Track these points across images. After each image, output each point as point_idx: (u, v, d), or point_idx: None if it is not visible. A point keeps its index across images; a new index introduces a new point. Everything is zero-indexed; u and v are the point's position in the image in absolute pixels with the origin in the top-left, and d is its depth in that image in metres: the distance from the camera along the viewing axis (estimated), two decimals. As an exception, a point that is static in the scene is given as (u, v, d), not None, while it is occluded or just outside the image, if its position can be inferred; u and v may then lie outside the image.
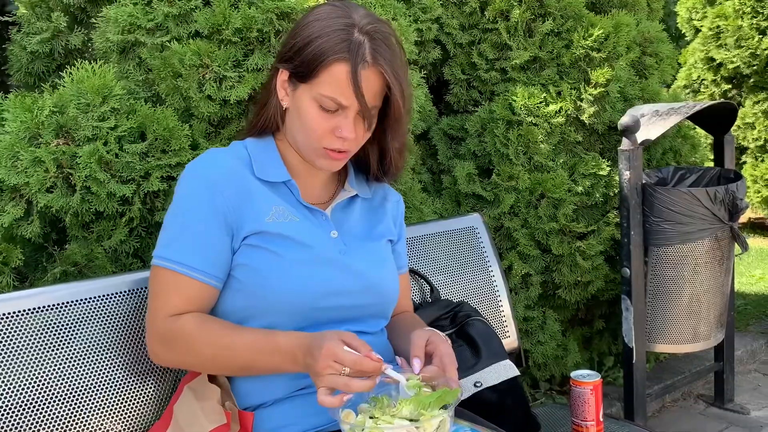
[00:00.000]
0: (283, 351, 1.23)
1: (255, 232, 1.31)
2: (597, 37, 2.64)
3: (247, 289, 1.32)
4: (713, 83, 5.35)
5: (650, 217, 2.52)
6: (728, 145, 2.84)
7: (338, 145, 1.32)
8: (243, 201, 1.32)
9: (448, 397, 1.17)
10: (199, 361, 1.30)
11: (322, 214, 1.40)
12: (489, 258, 2.06)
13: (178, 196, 1.34)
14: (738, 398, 3.03)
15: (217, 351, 1.27)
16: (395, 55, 1.32)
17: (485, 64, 2.72)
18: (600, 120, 2.70)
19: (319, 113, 1.30)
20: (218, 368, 1.32)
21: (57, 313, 1.39)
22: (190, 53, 1.84)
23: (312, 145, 1.34)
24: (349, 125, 1.30)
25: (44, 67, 2.26)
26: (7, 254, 1.71)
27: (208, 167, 1.34)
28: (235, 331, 1.29)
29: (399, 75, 1.31)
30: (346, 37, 1.27)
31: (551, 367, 2.83)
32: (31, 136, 1.72)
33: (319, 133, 1.31)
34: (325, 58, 1.27)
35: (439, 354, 1.28)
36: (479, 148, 2.70)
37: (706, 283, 2.56)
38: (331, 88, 1.28)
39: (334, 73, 1.27)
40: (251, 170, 1.36)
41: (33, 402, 1.33)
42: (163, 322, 1.29)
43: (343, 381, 1.14)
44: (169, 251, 1.30)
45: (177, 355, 1.31)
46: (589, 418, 1.58)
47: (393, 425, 1.13)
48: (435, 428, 1.14)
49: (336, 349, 1.15)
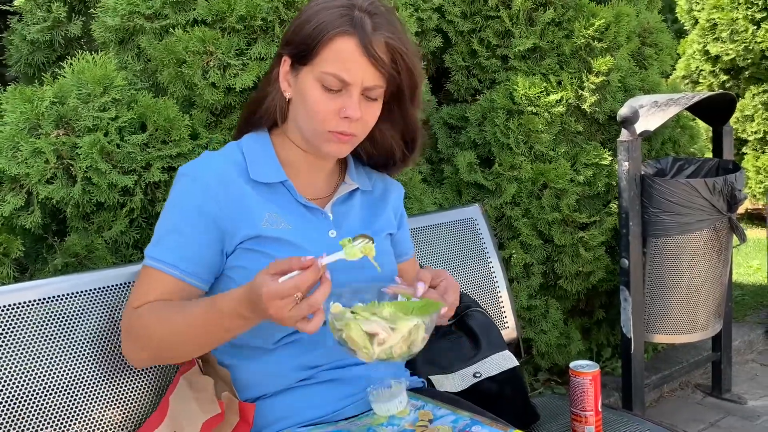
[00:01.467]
0: (228, 314, 1.18)
1: (251, 237, 1.31)
2: (598, 26, 2.63)
3: None
4: (711, 74, 5.34)
5: (649, 208, 2.52)
6: (727, 136, 2.85)
7: (344, 127, 1.29)
8: (237, 207, 1.31)
9: (430, 308, 1.19)
10: (157, 345, 1.26)
11: (322, 212, 1.39)
12: (488, 249, 2.06)
13: (170, 198, 1.34)
14: (735, 388, 3.05)
15: (168, 333, 1.24)
16: (397, 28, 1.30)
17: (486, 51, 2.72)
18: (601, 109, 2.70)
19: (323, 94, 1.28)
20: (177, 351, 1.28)
21: (58, 304, 1.40)
22: (194, 40, 1.83)
23: (317, 129, 1.31)
24: (354, 104, 1.27)
25: (44, 58, 2.26)
26: (8, 245, 1.71)
27: (201, 171, 1.33)
28: (182, 309, 1.25)
29: (404, 42, 1.29)
30: (347, 13, 1.26)
31: (554, 355, 2.84)
32: (31, 127, 1.72)
33: (324, 114, 1.28)
34: (326, 34, 1.25)
35: (445, 285, 1.28)
36: (479, 137, 2.70)
37: (704, 273, 2.57)
38: (333, 65, 1.26)
39: (336, 48, 1.25)
40: (246, 174, 1.34)
41: (34, 393, 1.33)
42: (128, 315, 1.29)
43: (305, 305, 1.10)
44: (154, 250, 1.31)
45: (139, 346, 1.29)
46: (587, 408, 1.60)
47: (369, 320, 1.14)
48: (407, 330, 1.15)
49: (273, 288, 1.09)
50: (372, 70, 1.27)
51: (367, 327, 1.13)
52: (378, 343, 1.13)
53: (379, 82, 1.29)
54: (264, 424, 1.33)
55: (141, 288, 1.30)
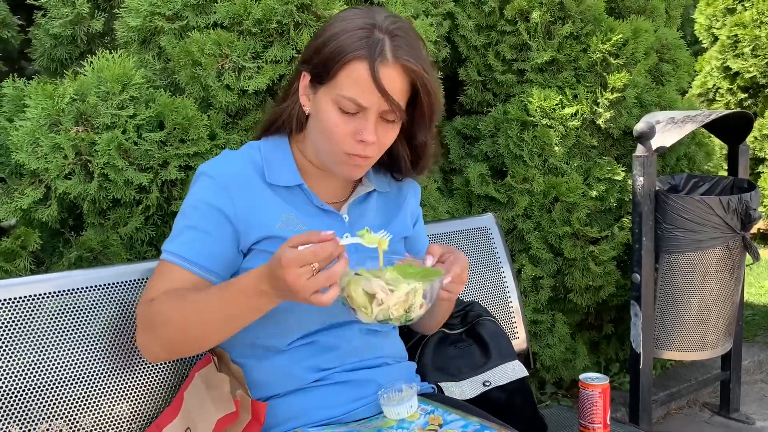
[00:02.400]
0: (247, 291, 1.17)
1: (265, 237, 1.31)
2: (615, 42, 2.63)
3: None
4: (729, 92, 5.32)
5: (662, 224, 2.52)
6: (743, 154, 2.84)
7: (360, 150, 1.29)
8: (253, 207, 1.32)
9: (430, 274, 1.20)
10: (174, 331, 1.25)
11: (338, 215, 1.39)
12: (501, 259, 2.06)
13: (189, 195, 1.35)
14: (743, 408, 3.02)
15: (186, 315, 1.22)
16: (418, 51, 1.28)
17: (501, 65, 2.72)
18: (616, 125, 2.70)
19: (339, 116, 1.27)
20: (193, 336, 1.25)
21: (72, 298, 1.41)
22: (210, 42, 1.85)
23: (333, 151, 1.30)
24: (370, 128, 1.26)
25: (67, 53, 2.28)
26: (26, 238, 1.73)
27: (220, 169, 1.34)
28: (199, 292, 1.25)
29: (425, 68, 1.27)
30: (366, 35, 1.25)
31: (560, 370, 2.83)
32: (51, 123, 1.74)
33: (340, 137, 1.28)
34: (343, 57, 1.24)
35: (452, 259, 1.27)
36: (491, 149, 2.70)
37: (715, 291, 2.55)
38: (350, 89, 1.25)
39: (352, 72, 1.24)
40: (263, 176, 1.35)
41: (47, 384, 1.34)
42: (144, 307, 1.29)
43: (322, 277, 1.10)
44: (171, 245, 1.32)
45: (155, 337, 1.27)
46: (596, 421, 1.59)
47: (369, 280, 1.15)
48: (404, 293, 1.15)
49: (292, 255, 1.09)
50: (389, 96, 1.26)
51: (367, 286, 1.15)
52: (377, 304, 1.15)
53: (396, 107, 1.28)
54: (275, 423, 1.33)
55: (157, 282, 1.31)
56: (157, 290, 1.29)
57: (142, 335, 1.31)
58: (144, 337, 1.31)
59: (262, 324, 1.32)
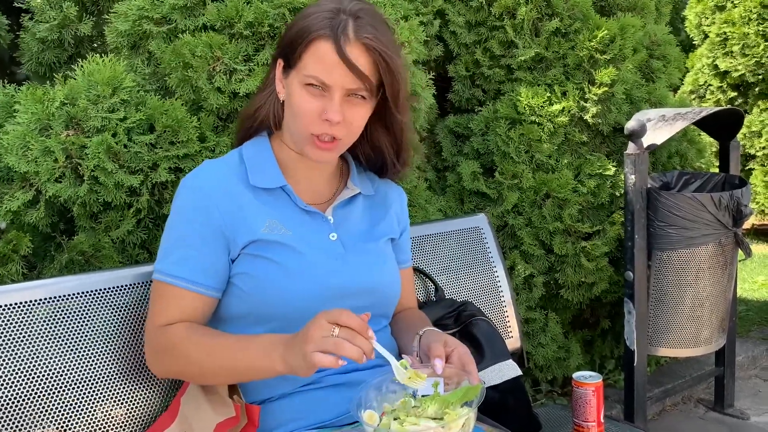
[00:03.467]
0: (264, 343, 1.22)
1: (252, 241, 1.32)
2: (601, 38, 2.64)
3: (249, 296, 1.33)
4: (719, 90, 5.34)
5: (654, 222, 2.52)
6: (734, 151, 2.85)
7: (326, 129, 1.29)
8: (237, 214, 1.32)
9: (470, 394, 1.18)
10: (186, 367, 1.30)
11: (322, 216, 1.40)
12: (494, 258, 2.06)
13: (174, 210, 1.35)
14: (738, 403, 3.03)
15: (200, 355, 1.27)
16: (381, 31, 1.29)
17: (489, 61, 2.72)
18: (605, 121, 2.70)
19: (306, 97, 1.29)
20: (205, 373, 1.29)
21: (65, 303, 1.40)
22: (201, 45, 1.84)
23: (302, 133, 1.32)
24: (335, 107, 1.27)
25: (55, 57, 2.27)
26: (17, 242, 1.72)
27: (202, 180, 1.34)
28: (217, 335, 1.30)
29: (387, 47, 1.28)
30: (330, 17, 1.27)
31: (553, 368, 2.84)
32: (42, 127, 1.73)
33: (307, 117, 1.29)
34: (306, 37, 1.27)
35: (458, 354, 1.28)
36: (482, 147, 2.70)
37: (708, 288, 2.56)
38: (314, 67, 1.27)
39: (316, 51, 1.26)
40: (246, 180, 1.35)
41: (41, 391, 1.34)
42: (155, 333, 1.32)
43: (333, 341, 1.12)
44: (163, 264, 1.32)
45: (167, 365, 1.32)
46: (590, 419, 1.59)
47: (419, 426, 1.12)
48: (460, 427, 1.14)
49: (328, 312, 1.15)
50: (353, 74, 1.27)
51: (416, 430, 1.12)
52: None
53: (362, 84, 1.29)
54: (269, 427, 1.33)
55: (160, 305, 1.32)
56: (164, 315, 1.31)
57: (151, 356, 1.35)
58: (151, 358, 1.35)
59: (254, 328, 1.32)
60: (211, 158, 1.83)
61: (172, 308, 1.31)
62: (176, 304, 1.31)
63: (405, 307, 1.58)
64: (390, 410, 1.19)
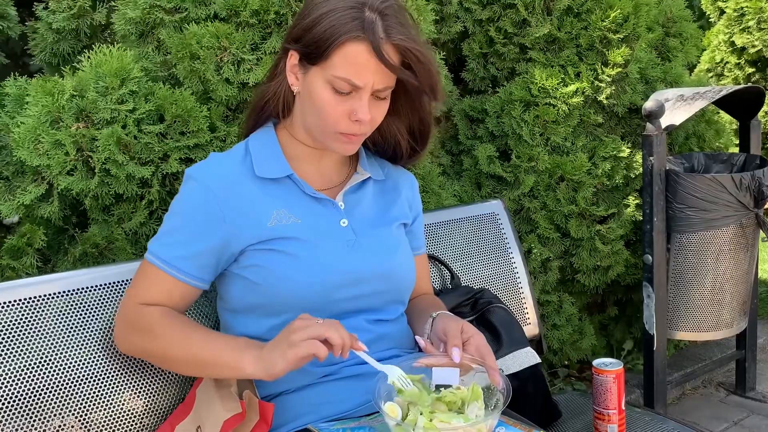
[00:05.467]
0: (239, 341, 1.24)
1: (258, 240, 1.31)
2: (614, 18, 2.59)
3: (260, 287, 1.32)
4: (737, 66, 5.25)
5: (673, 204, 2.48)
6: (755, 130, 2.79)
7: (354, 129, 1.29)
8: (243, 208, 1.31)
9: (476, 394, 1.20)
10: (153, 347, 1.30)
11: (332, 202, 1.38)
12: (510, 244, 2.04)
13: (177, 198, 1.35)
14: (759, 386, 3.00)
15: (171, 339, 1.27)
16: (409, 28, 1.28)
17: (503, 38, 2.69)
18: (620, 102, 2.66)
19: (333, 96, 1.27)
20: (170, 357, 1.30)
21: (78, 297, 1.41)
22: (208, 35, 1.82)
23: (327, 130, 1.30)
24: (364, 107, 1.27)
25: (70, 48, 2.26)
26: (31, 236, 1.73)
27: (207, 173, 1.33)
28: (193, 324, 1.31)
29: (417, 42, 1.27)
30: (358, 16, 1.24)
31: (568, 351, 2.81)
32: (52, 120, 1.73)
33: (334, 117, 1.28)
34: (338, 38, 1.23)
35: (476, 343, 1.27)
36: (498, 129, 2.67)
37: (729, 270, 2.52)
38: (345, 69, 1.24)
39: (348, 53, 1.24)
40: (252, 173, 1.34)
41: (58, 383, 1.34)
42: (133, 308, 1.32)
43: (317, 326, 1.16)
44: (155, 245, 1.33)
45: (136, 342, 1.33)
46: (611, 407, 1.57)
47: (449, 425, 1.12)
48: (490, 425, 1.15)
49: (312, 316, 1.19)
50: (382, 74, 1.26)
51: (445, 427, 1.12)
52: None
53: (390, 83, 1.29)
54: (286, 419, 1.32)
55: (142, 283, 1.34)
56: (144, 295, 1.32)
57: (121, 328, 1.36)
58: (123, 333, 1.35)
59: (268, 319, 1.31)
60: (223, 148, 1.83)
61: (154, 289, 1.32)
62: (159, 286, 1.32)
63: (420, 293, 1.57)
64: (407, 402, 1.18)
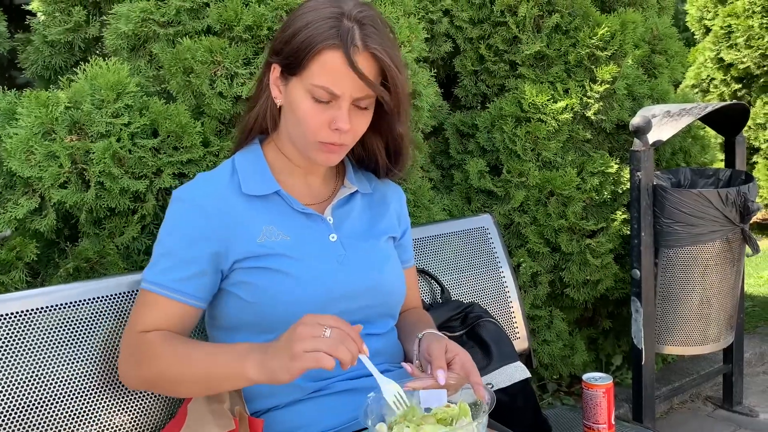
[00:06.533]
0: (239, 348, 1.20)
1: (248, 256, 1.31)
2: (602, 36, 2.63)
3: (250, 305, 1.32)
4: (723, 83, 5.32)
5: (661, 219, 2.51)
6: (740, 146, 2.83)
7: (335, 139, 1.29)
8: (231, 226, 1.31)
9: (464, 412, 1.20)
10: (160, 374, 1.26)
11: (321, 218, 1.39)
12: (500, 259, 2.05)
13: (166, 220, 1.35)
14: (746, 401, 3.02)
15: (175, 360, 1.24)
16: (385, 38, 1.28)
17: (493, 56, 2.72)
18: (608, 118, 2.69)
19: (313, 106, 1.28)
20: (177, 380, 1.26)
21: (67, 312, 1.40)
22: (202, 50, 1.83)
23: (308, 140, 1.31)
24: (344, 116, 1.27)
25: (63, 62, 2.26)
26: (21, 249, 1.71)
27: (193, 192, 1.34)
28: (194, 342, 1.28)
29: (393, 57, 1.27)
30: (335, 25, 1.25)
31: (558, 366, 2.83)
32: (45, 132, 1.72)
33: (314, 126, 1.28)
34: (314, 47, 1.24)
35: (460, 361, 1.27)
36: (488, 144, 2.69)
37: (716, 284, 2.55)
38: (323, 78, 1.25)
39: (325, 61, 1.25)
40: (239, 190, 1.34)
41: (46, 399, 1.33)
42: (134, 338, 1.30)
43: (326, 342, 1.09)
44: (150, 273, 1.32)
45: (142, 372, 1.28)
46: (601, 421, 1.58)
47: None
48: None
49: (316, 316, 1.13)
50: (360, 83, 1.26)
51: None
52: None
53: (369, 92, 1.29)
54: (277, 435, 1.32)
55: (142, 311, 1.31)
56: (145, 322, 1.30)
57: (126, 364, 1.32)
58: (126, 366, 1.32)
59: (260, 336, 1.31)
60: (216, 163, 1.84)
61: (154, 316, 1.30)
62: (158, 312, 1.30)
63: (409, 307, 1.58)
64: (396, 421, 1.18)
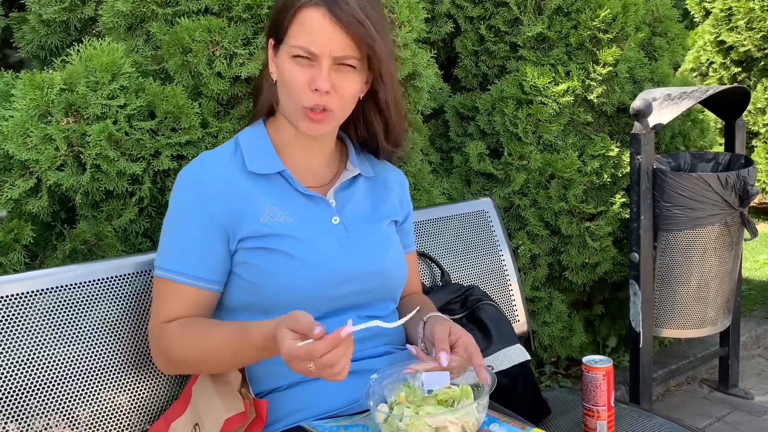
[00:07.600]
0: (256, 345, 1.21)
1: (252, 235, 1.31)
2: (604, 17, 2.61)
3: (253, 286, 1.32)
4: (722, 66, 5.29)
5: (660, 202, 2.50)
6: (739, 130, 2.82)
7: (317, 100, 1.28)
8: (236, 205, 1.31)
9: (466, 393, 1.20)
10: (188, 364, 1.32)
11: (323, 200, 1.38)
12: (500, 242, 2.05)
13: (172, 204, 1.34)
14: (742, 383, 3.04)
15: (199, 354, 1.28)
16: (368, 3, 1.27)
17: (494, 36, 2.70)
18: (609, 101, 2.68)
19: (295, 68, 1.28)
20: (209, 369, 1.32)
21: (67, 293, 1.39)
22: (200, 29, 1.81)
23: (294, 106, 1.30)
24: (322, 75, 1.25)
25: (59, 42, 2.24)
26: (19, 231, 1.71)
27: (199, 173, 1.33)
28: (211, 331, 1.28)
29: (370, 16, 1.26)
30: None
31: (557, 348, 2.83)
32: (41, 114, 1.71)
33: (297, 89, 1.28)
34: (292, 7, 1.26)
35: (463, 343, 1.28)
36: (488, 127, 2.68)
37: (715, 268, 2.55)
38: (300, 37, 1.26)
39: (302, 20, 1.26)
40: (244, 168, 1.34)
41: (46, 381, 1.33)
42: (159, 330, 1.32)
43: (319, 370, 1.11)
44: (163, 260, 1.32)
45: (170, 361, 1.32)
46: (600, 403, 1.58)
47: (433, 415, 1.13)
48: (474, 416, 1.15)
49: (290, 349, 1.10)
50: (339, 39, 1.25)
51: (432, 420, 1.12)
52: None
53: (351, 51, 1.27)
54: (278, 417, 1.32)
55: (163, 301, 1.32)
56: (167, 312, 1.31)
57: (159, 356, 1.35)
58: (156, 355, 1.35)
59: (260, 317, 1.30)
60: (214, 144, 1.82)
61: (174, 304, 1.30)
62: (178, 300, 1.30)
63: (409, 292, 1.57)
64: (396, 402, 1.19)
